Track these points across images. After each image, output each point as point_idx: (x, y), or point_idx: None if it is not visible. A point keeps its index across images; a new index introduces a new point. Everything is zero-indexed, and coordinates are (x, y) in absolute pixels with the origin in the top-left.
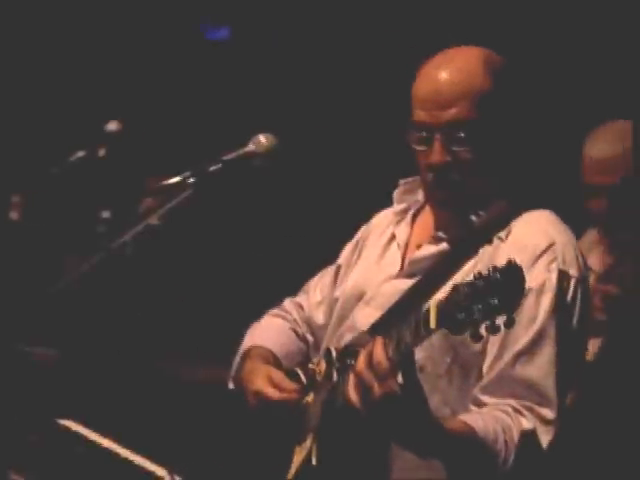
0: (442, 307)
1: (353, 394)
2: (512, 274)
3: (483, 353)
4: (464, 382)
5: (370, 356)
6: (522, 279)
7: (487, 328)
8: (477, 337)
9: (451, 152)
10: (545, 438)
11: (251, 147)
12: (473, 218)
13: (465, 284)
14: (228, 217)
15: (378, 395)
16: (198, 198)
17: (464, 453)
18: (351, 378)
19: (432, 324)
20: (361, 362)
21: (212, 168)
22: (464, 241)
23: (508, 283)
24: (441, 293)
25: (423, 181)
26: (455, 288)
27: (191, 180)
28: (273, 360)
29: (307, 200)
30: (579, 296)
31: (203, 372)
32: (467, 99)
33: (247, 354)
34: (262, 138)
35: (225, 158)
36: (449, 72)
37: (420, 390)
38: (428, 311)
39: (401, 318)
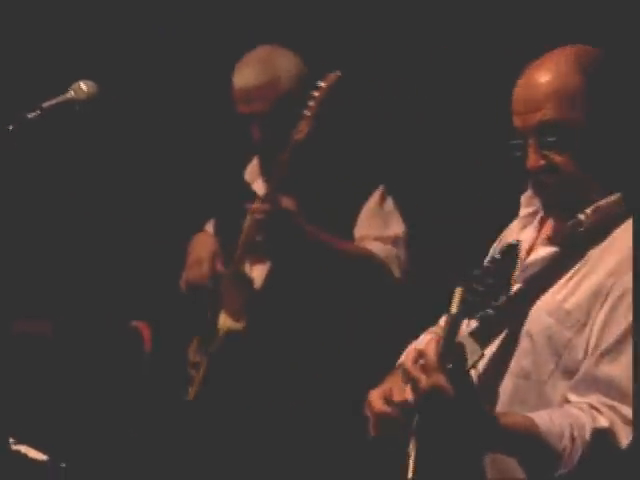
0: (462, 292)
1: (407, 390)
2: (509, 253)
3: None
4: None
5: (420, 352)
6: (515, 256)
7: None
8: (485, 320)
9: (545, 156)
10: (626, 437)
11: (71, 94)
12: (582, 219)
13: (480, 268)
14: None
15: (425, 387)
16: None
17: (522, 447)
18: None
19: (453, 309)
20: (409, 358)
21: (30, 115)
22: (572, 244)
23: (504, 262)
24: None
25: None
26: (474, 273)
27: (9, 128)
28: None
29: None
30: None
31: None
32: (556, 100)
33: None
34: (82, 85)
35: (44, 105)
36: (539, 74)
37: (469, 384)
38: (453, 296)
39: None
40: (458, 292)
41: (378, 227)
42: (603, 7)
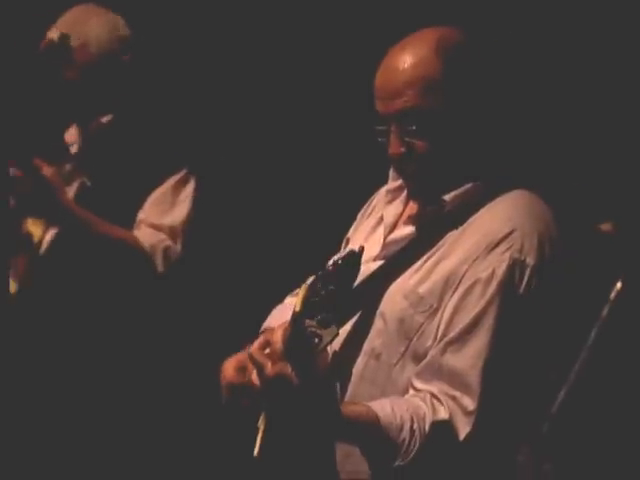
0: (307, 291)
1: (254, 374)
2: (351, 261)
3: None
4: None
5: (266, 339)
6: (357, 265)
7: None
8: (323, 323)
9: (405, 143)
10: (463, 429)
11: None
12: (445, 201)
13: (324, 269)
14: None
15: (269, 374)
16: None
17: (362, 437)
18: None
19: (297, 307)
20: (255, 344)
21: None
22: (431, 225)
23: (345, 269)
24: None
25: None
26: (319, 273)
27: None
28: None
29: None
30: (535, 286)
31: None
32: (416, 87)
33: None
34: None
35: None
36: (399, 59)
37: (315, 373)
38: (299, 293)
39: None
40: (303, 290)
41: (159, 213)
42: None
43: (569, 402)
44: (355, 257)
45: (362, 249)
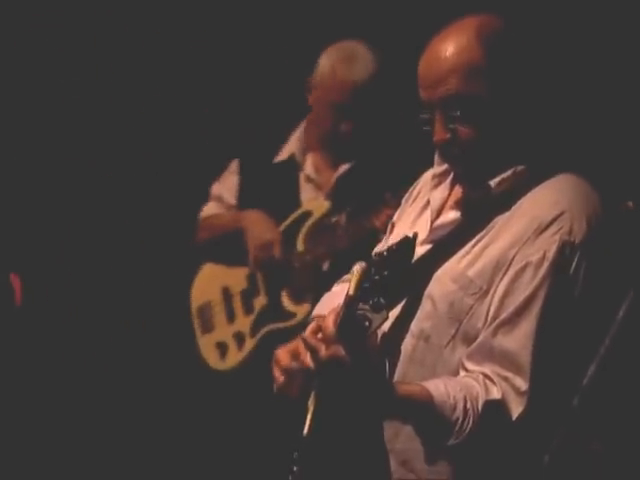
0: (360, 276)
1: (307, 357)
2: (405, 247)
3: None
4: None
5: (319, 324)
6: (411, 252)
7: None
8: (376, 307)
9: (450, 129)
10: (516, 409)
11: None
12: (492, 185)
13: (376, 253)
14: None
15: (323, 357)
16: None
17: (416, 417)
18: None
19: (351, 291)
20: (308, 329)
21: None
22: (478, 209)
23: (399, 255)
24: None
25: None
26: (372, 257)
27: None
28: None
29: None
30: (584, 267)
31: None
32: (458, 74)
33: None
34: None
35: None
36: (441, 47)
37: (368, 355)
38: (352, 275)
39: None
40: (357, 273)
41: None
42: None
43: (599, 376)
44: (409, 243)
45: (416, 235)
